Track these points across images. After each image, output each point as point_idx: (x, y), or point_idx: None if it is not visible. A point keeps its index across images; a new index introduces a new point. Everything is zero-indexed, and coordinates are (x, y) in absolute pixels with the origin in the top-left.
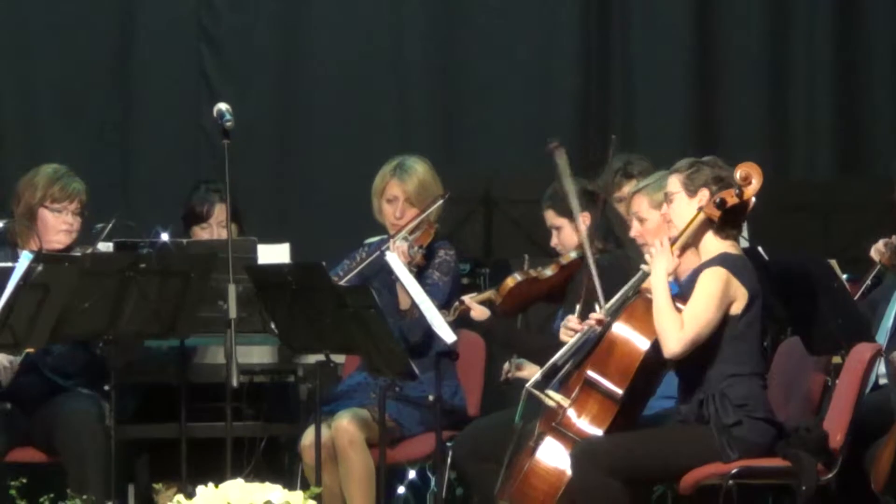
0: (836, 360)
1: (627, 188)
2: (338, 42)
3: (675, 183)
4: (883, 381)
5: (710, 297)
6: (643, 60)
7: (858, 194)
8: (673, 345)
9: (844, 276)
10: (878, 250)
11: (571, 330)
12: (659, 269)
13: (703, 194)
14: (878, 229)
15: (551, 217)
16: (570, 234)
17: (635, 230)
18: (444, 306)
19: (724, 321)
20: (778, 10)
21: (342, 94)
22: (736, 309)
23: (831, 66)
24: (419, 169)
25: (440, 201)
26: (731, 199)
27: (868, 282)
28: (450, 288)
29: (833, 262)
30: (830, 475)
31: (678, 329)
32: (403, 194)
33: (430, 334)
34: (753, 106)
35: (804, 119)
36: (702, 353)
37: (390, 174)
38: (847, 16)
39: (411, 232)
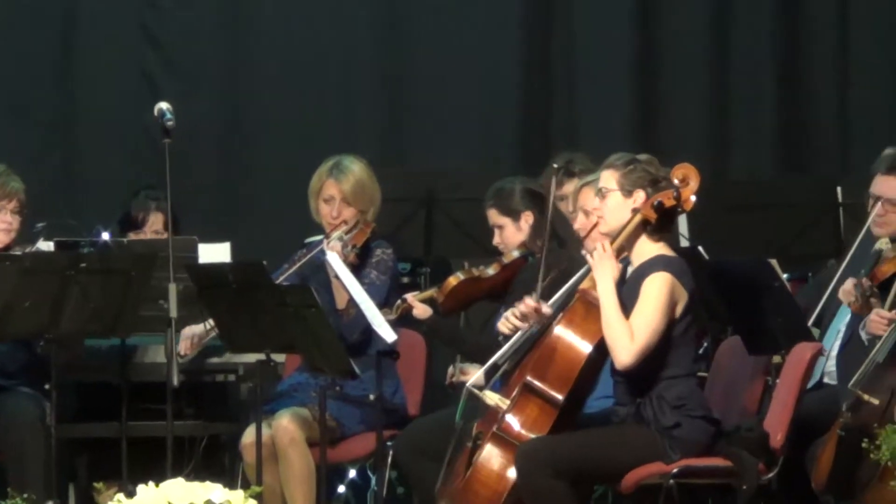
0: (777, 359)
1: (568, 187)
2: (282, 43)
3: (610, 179)
4: (827, 380)
5: (659, 303)
6: (586, 61)
7: (800, 194)
8: (624, 357)
9: (785, 276)
10: (847, 293)
11: (511, 324)
12: (605, 276)
13: (639, 196)
14: (819, 229)
15: (494, 216)
16: (512, 233)
17: (580, 222)
18: (382, 305)
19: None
20: (720, 10)
21: (286, 95)
22: (677, 311)
23: (773, 67)
24: (355, 169)
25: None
26: (669, 202)
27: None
28: (388, 287)
29: (774, 262)
30: (771, 474)
31: (629, 340)
32: (340, 194)
33: (368, 333)
34: (696, 106)
35: (746, 119)
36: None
37: (327, 174)
38: (788, 16)
39: (347, 231)
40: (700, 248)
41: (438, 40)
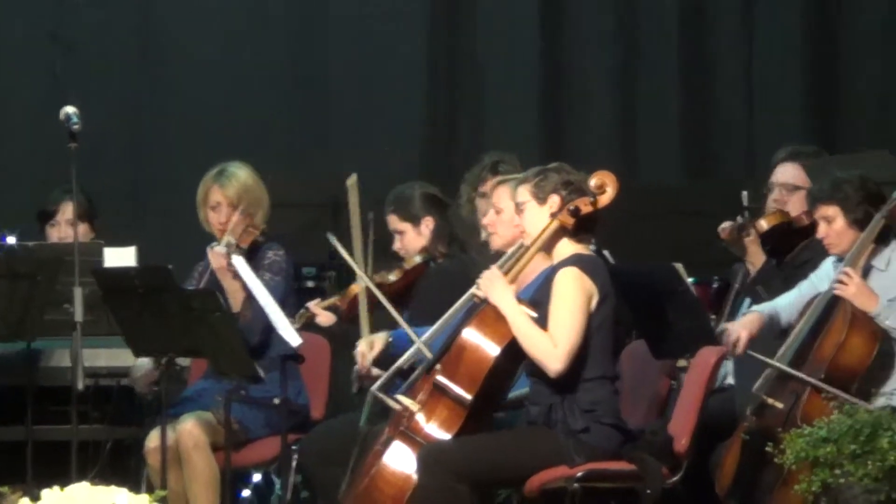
0: (681, 362)
1: (491, 185)
2: (193, 44)
3: (523, 193)
4: (730, 380)
5: (572, 300)
6: (492, 64)
7: (706, 199)
8: (554, 364)
9: (691, 280)
10: (723, 229)
11: None
12: (502, 298)
13: (554, 200)
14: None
15: (394, 222)
16: (413, 238)
17: (489, 219)
18: (283, 305)
19: None
20: (624, 13)
21: (196, 97)
22: (591, 306)
23: (678, 71)
24: (240, 174)
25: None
26: (586, 208)
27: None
28: (283, 287)
29: (679, 266)
30: (675, 478)
31: (552, 347)
32: (226, 199)
33: (268, 334)
34: (603, 110)
35: (653, 123)
36: None
37: (211, 181)
38: (694, 19)
39: (235, 235)
40: (605, 252)
41: (348, 47)
